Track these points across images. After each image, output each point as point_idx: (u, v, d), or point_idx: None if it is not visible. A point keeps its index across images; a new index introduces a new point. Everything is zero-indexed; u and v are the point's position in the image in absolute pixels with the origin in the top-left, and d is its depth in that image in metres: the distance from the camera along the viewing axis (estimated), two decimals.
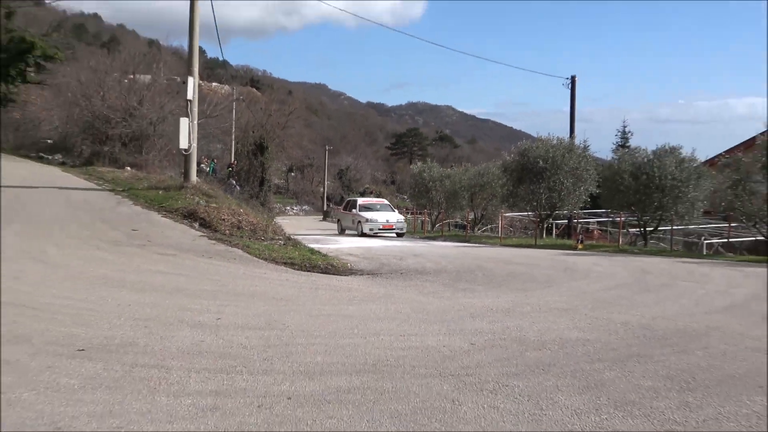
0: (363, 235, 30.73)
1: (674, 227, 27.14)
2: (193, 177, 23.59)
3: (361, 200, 36.00)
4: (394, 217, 32.85)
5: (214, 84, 77.14)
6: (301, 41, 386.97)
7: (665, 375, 6.67)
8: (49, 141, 41.31)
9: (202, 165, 42.12)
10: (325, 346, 7.48)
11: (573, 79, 35.97)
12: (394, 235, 31.41)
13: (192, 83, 22.74)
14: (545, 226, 32.07)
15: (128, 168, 32.05)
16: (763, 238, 24.06)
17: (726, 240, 27.66)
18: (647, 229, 27.74)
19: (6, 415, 5.21)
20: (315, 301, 10.67)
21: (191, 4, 22.54)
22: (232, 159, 53.03)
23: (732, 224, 26.51)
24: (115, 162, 33.23)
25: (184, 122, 22.46)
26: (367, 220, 31.50)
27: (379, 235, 30.79)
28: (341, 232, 34.63)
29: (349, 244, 25.11)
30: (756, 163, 22.90)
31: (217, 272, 12.84)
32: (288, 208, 77.41)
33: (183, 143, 22.64)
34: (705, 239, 29.16)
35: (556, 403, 5.78)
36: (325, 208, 77.81)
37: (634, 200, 26.71)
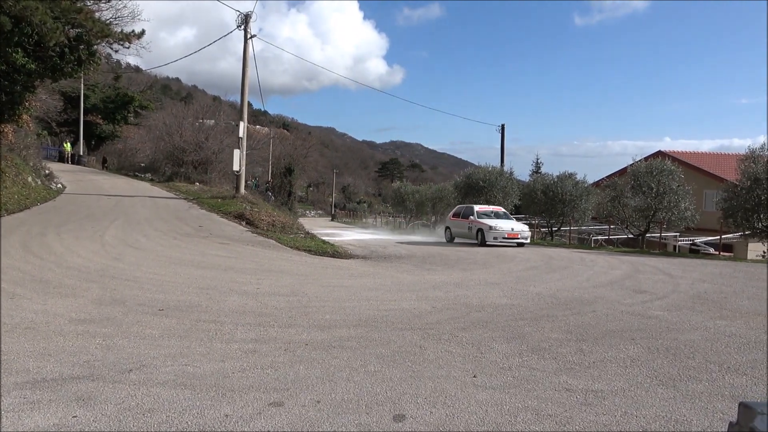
0: (484, 244, 19.88)
1: (571, 228, 27.34)
2: (242, 190, 23.41)
3: (478, 207, 22.22)
4: (518, 225, 20.95)
5: (257, 126, 76.54)
6: (318, 97, 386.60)
7: (566, 330, 6.61)
8: (142, 164, 40.90)
9: (249, 182, 41.86)
10: (332, 308, 7.37)
11: (503, 126, 37.32)
12: (515, 244, 19.97)
13: (242, 126, 22.61)
14: None
15: (197, 183, 31.74)
16: (632, 236, 24.49)
17: (607, 237, 27.82)
18: (553, 228, 27.87)
19: (105, 355, 5.07)
20: (325, 276, 10.55)
21: (243, 72, 22.37)
22: (269, 178, 52.79)
23: (611, 226, 26.72)
24: (188, 179, 32.90)
25: (236, 153, 22.39)
26: (491, 228, 20.06)
27: (502, 244, 19.83)
28: (450, 240, 22.93)
29: (348, 237, 24.95)
30: (626, 185, 23.40)
31: (257, 255, 12.69)
32: (307, 212, 76.88)
33: (236, 167, 22.63)
34: (593, 236, 29.30)
35: (492, 348, 5.70)
36: (333, 212, 77.56)
37: (544, 209, 26.94)
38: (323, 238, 18.52)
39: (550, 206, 26.35)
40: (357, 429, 3.76)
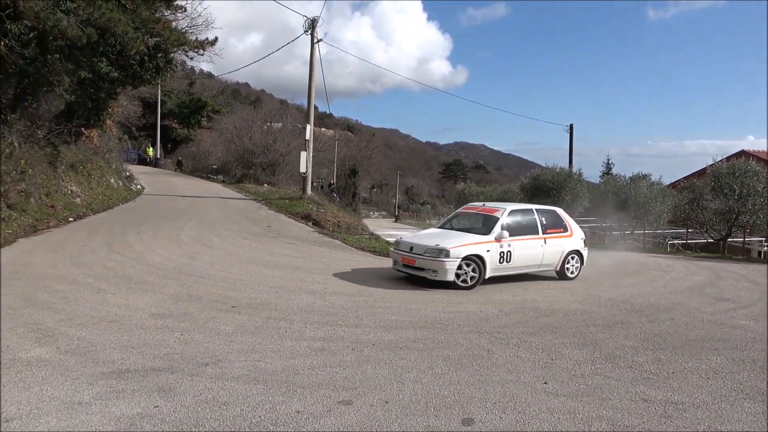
0: None
1: (645, 231, 26.22)
2: (309, 191, 23.87)
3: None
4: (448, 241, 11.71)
5: (323, 129, 77.97)
6: (382, 99, 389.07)
7: (642, 337, 6.34)
8: (214, 166, 42.49)
9: (314, 183, 42.71)
10: (397, 309, 7.40)
11: (571, 126, 36.21)
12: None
13: (309, 129, 23.07)
14: None
15: (265, 184, 32.65)
16: (712, 240, 23.26)
17: (684, 241, 26.50)
18: (626, 232, 26.81)
19: (183, 349, 5.30)
20: None
21: (309, 75, 22.85)
22: (334, 179, 53.63)
23: (689, 230, 25.47)
24: (257, 180, 33.90)
25: (303, 155, 22.88)
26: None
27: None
28: None
29: None
30: (706, 186, 22.29)
31: (324, 256, 12.89)
32: (371, 213, 77.48)
33: (302, 168, 23.11)
34: (668, 240, 27.95)
35: (562, 354, 5.55)
36: (396, 213, 77.80)
37: (616, 211, 26.00)
38: (387, 239, 18.60)
39: (623, 209, 25.36)
40: (426, 431, 3.76)
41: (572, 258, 10.57)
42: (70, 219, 15.36)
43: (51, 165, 17.29)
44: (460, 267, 8.95)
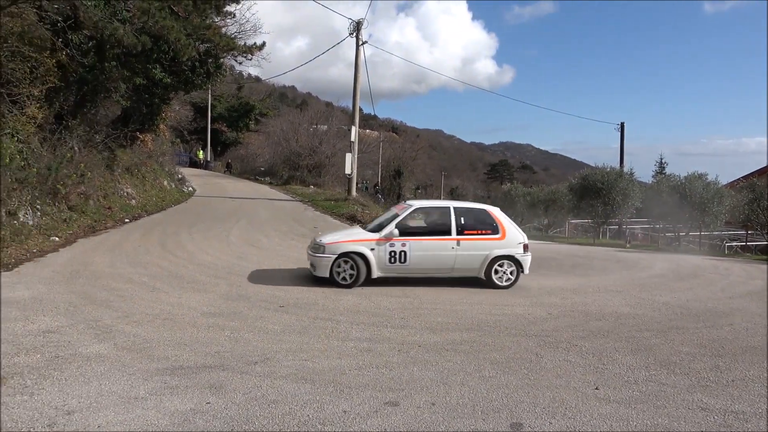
0: None
1: (701, 233, 25.19)
2: (354, 192, 24.05)
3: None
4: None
5: (367, 131, 78.38)
6: (426, 100, 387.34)
7: (699, 344, 6.10)
8: (261, 168, 43.33)
9: (359, 184, 42.99)
10: (443, 311, 7.36)
11: (622, 125, 35.31)
12: None
13: (354, 130, 23.24)
14: (601, 230, 30.45)
15: (311, 186, 33.10)
16: None
17: (744, 243, 25.34)
18: (680, 234, 25.83)
19: (233, 347, 5.42)
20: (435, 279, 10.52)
21: (354, 77, 23.02)
22: (379, 180, 53.82)
23: (748, 231, 24.33)
24: (303, 182, 34.39)
25: (348, 156, 23.07)
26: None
27: None
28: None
29: None
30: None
31: None
32: None
33: (347, 170, 23.30)
34: (726, 242, 26.78)
35: (614, 360, 5.39)
36: None
37: (670, 212, 25.04)
38: None
39: (677, 209, 24.42)
40: None
41: (503, 264, 9.28)
42: (126, 220, 15.96)
43: (108, 168, 18.01)
44: (338, 264, 8.61)
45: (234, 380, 4.54)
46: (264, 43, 21.02)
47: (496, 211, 9.59)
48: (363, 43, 22.54)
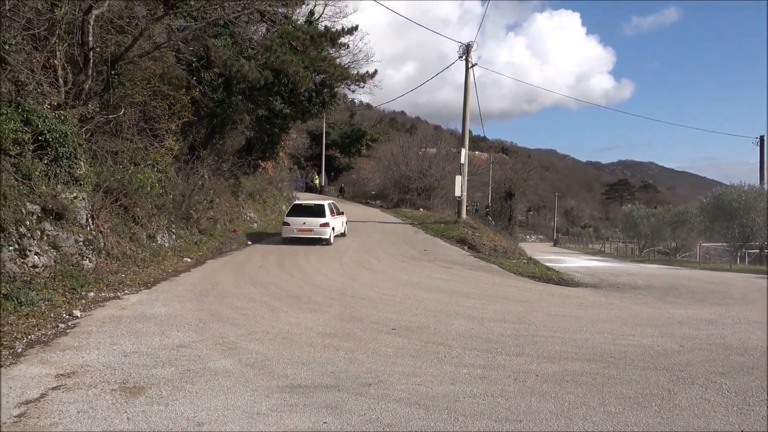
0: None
1: None
2: (464, 215, 23.83)
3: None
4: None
5: (477, 152, 77.80)
6: (538, 119, 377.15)
7: None
8: (372, 192, 44.40)
9: (469, 207, 42.56)
10: (561, 339, 6.98)
11: (761, 138, 31.44)
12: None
13: (464, 153, 23.13)
14: (738, 254, 27.61)
15: (421, 209, 33.30)
16: None
17: None
18: None
19: (348, 368, 5.50)
20: (551, 304, 10.07)
21: (464, 100, 22.99)
22: (489, 202, 52.98)
23: None
24: (413, 205, 34.72)
25: (458, 179, 22.97)
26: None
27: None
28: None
29: (574, 264, 23.70)
30: None
31: (480, 280, 12.72)
32: (528, 237, 75.10)
33: (457, 192, 23.19)
34: None
35: (761, 401, 4.80)
36: (555, 237, 74.54)
37: None
38: (546, 264, 17.83)
39: None
40: None
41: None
42: (249, 242, 16.98)
43: (233, 194, 19.35)
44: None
45: (349, 401, 4.59)
46: (375, 71, 21.71)
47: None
48: (473, 66, 22.50)
